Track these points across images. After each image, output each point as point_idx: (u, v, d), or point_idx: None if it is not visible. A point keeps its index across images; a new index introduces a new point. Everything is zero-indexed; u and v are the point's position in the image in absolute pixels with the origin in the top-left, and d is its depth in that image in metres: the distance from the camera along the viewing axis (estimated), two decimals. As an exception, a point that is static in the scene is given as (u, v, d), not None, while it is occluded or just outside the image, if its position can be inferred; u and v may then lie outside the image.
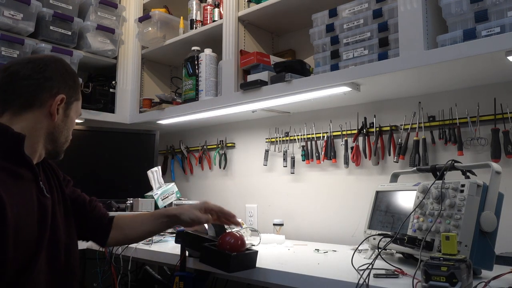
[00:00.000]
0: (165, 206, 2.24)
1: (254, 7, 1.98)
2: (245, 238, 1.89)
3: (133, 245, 1.78)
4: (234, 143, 2.54)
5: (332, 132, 2.04)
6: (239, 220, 2.05)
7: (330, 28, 1.69)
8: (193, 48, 2.25)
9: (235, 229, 1.96)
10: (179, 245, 1.51)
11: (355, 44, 1.61)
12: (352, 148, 1.94)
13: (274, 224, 2.08)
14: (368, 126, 1.91)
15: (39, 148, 1.19)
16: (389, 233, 1.26)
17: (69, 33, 2.28)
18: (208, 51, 2.18)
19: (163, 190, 2.25)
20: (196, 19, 2.30)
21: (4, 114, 1.15)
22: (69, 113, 1.23)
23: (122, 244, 1.64)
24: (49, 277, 1.16)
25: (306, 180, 2.15)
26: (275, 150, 2.29)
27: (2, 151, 1.10)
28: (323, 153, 2.05)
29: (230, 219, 1.47)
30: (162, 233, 2.06)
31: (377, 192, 1.59)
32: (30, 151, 1.15)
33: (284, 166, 2.20)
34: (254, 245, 1.80)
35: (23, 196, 1.11)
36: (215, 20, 2.19)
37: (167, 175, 2.84)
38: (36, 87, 1.16)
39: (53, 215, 1.20)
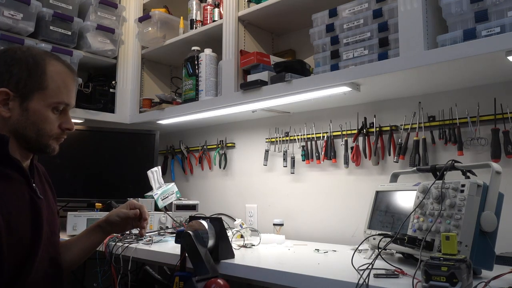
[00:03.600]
0: (165, 206, 2.25)
1: (254, 7, 1.98)
2: (245, 238, 1.89)
3: (133, 245, 1.78)
4: (234, 143, 2.54)
5: (332, 132, 2.04)
6: (239, 220, 2.06)
7: (330, 28, 1.69)
8: (193, 48, 2.25)
9: (235, 229, 1.96)
10: (179, 245, 1.51)
11: (355, 44, 1.61)
12: (352, 148, 1.94)
13: (274, 224, 2.08)
14: (368, 126, 1.91)
15: (16, 149, 1.15)
16: (389, 233, 1.26)
17: (69, 33, 2.28)
18: (208, 51, 2.18)
19: (163, 190, 2.25)
20: (196, 19, 2.30)
21: None
22: (29, 105, 1.13)
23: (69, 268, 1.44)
24: (46, 277, 1.17)
25: (306, 180, 2.15)
26: (275, 150, 2.29)
27: None
28: (323, 153, 2.05)
29: (141, 220, 1.44)
30: (162, 233, 2.07)
31: (377, 192, 1.59)
32: (12, 153, 1.13)
33: (284, 166, 2.20)
34: (254, 245, 1.80)
35: (14, 197, 1.10)
36: (215, 20, 2.19)
37: (167, 175, 2.84)
38: None
39: (49, 217, 1.20)
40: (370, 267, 1.09)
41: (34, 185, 1.18)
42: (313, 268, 1.31)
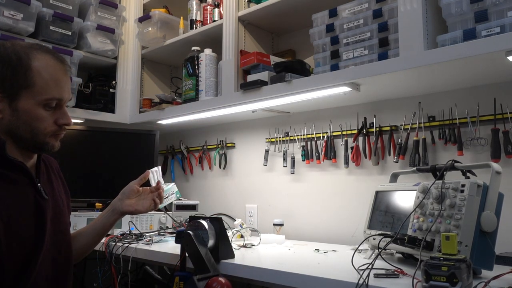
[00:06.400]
0: (165, 206, 2.24)
1: (254, 7, 1.98)
2: (245, 238, 1.89)
3: (133, 245, 1.78)
4: (234, 143, 2.54)
5: (332, 132, 2.04)
6: (239, 220, 2.06)
7: (330, 28, 1.69)
8: (193, 48, 2.25)
9: (235, 229, 1.96)
10: (179, 245, 1.51)
11: (355, 44, 1.61)
12: (352, 148, 1.94)
13: (274, 224, 2.08)
14: (368, 126, 1.91)
15: (14, 150, 1.13)
16: (390, 233, 1.26)
17: (69, 33, 2.28)
18: (208, 51, 2.18)
19: (163, 190, 2.25)
20: (196, 19, 2.30)
21: None
22: (18, 105, 1.08)
23: (84, 254, 1.47)
24: (50, 276, 1.16)
25: (306, 180, 2.15)
26: (275, 150, 2.29)
27: None
28: (323, 153, 2.05)
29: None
30: (162, 233, 2.07)
31: (377, 192, 1.59)
32: (13, 154, 1.12)
33: (284, 166, 2.20)
34: (254, 245, 1.80)
35: (17, 199, 1.09)
36: (215, 20, 2.19)
37: (167, 175, 2.84)
38: None
39: (55, 217, 1.19)
40: (370, 267, 1.10)
41: (39, 185, 1.17)
42: (313, 268, 1.31)
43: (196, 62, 2.21)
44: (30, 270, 1.08)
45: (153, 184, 2.26)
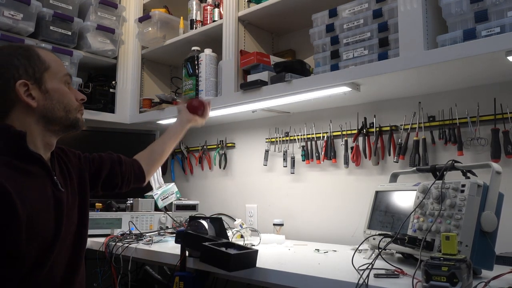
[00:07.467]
0: (165, 206, 2.25)
1: (254, 7, 1.98)
2: (245, 238, 1.90)
3: (133, 245, 1.78)
4: (234, 143, 2.54)
5: (332, 132, 2.04)
6: (239, 220, 2.06)
7: (330, 28, 1.69)
8: (193, 48, 2.25)
9: (235, 229, 1.96)
10: (179, 245, 1.51)
11: (355, 44, 1.61)
12: (352, 148, 1.94)
13: (274, 224, 2.08)
14: (368, 126, 1.91)
15: (39, 141, 1.16)
16: (390, 233, 1.26)
17: (69, 33, 2.28)
18: (208, 51, 2.18)
19: (163, 190, 2.25)
20: (196, 19, 2.30)
21: None
22: (47, 87, 1.16)
23: (155, 170, 1.75)
24: (64, 264, 1.18)
25: (306, 180, 2.15)
26: (275, 150, 2.29)
27: (9, 150, 1.10)
28: (323, 153, 2.05)
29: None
30: (162, 233, 2.07)
31: (377, 192, 1.59)
32: (33, 147, 1.14)
33: (284, 166, 2.20)
34: (254, 245, 1.80)
35: (37, 193, 1.11)
36: (215, 20, 2.19)
37: (167, 175, 2.84)
38: None
39: (68, 208, 1.21)
40: (370, 267, 1.10)
41: (55, 177, 1.18)
42: (313, 268, 1.31)
43: (196, 62, 2.21)
44: (46, 260, 1.11)
45: (153, 184, 2.27)
